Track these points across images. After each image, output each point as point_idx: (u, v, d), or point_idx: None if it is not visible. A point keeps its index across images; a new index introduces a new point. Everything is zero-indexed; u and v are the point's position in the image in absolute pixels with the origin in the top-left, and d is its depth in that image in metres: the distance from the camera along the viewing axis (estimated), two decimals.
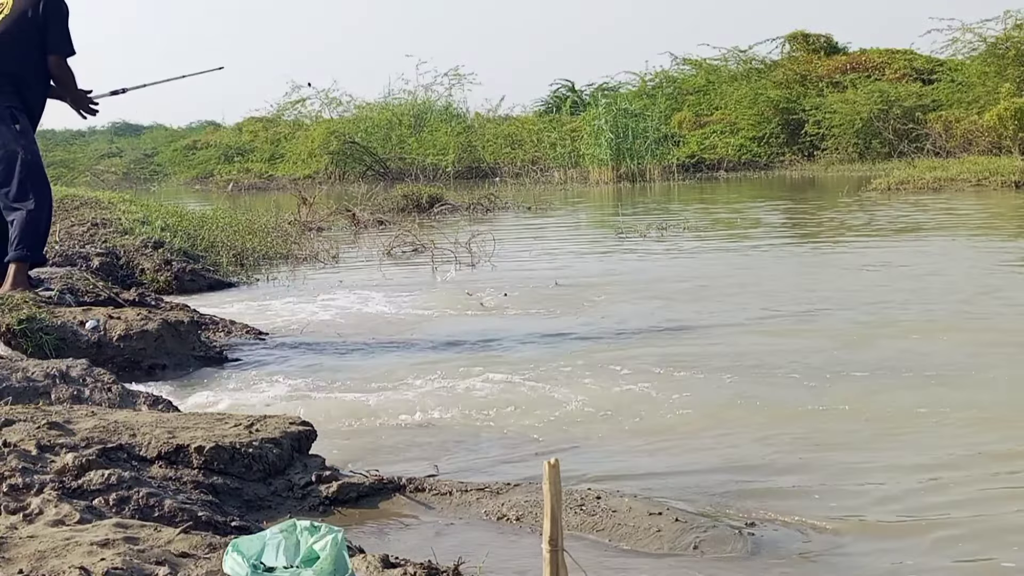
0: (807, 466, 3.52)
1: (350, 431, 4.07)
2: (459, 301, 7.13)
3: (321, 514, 3.10)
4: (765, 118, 25.23)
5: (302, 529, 2.13)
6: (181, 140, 39.16)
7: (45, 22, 5.19)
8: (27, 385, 3.99)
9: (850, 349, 5.21)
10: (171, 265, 8.08)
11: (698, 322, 6.07)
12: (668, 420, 4.09)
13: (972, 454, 3.58)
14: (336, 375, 4.98)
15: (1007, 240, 9.78)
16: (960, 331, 5.53)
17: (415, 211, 14.80)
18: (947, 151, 21.44)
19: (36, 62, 5.21)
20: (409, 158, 27.87)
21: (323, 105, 32.50)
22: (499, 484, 3.28)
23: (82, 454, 2.88)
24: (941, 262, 8.23)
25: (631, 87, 30.01)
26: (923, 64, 25.82)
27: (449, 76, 30.97)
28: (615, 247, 10.53)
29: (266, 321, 6.49)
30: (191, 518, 2.67)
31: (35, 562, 2.18)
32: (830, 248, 9.79)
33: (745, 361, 4.98)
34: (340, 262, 9.79)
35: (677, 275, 8.13)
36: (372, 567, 2.32)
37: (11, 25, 5.14)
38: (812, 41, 28.46)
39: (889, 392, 4.37)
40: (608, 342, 5.60)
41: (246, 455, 3.17)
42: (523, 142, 27.16)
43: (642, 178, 23.03)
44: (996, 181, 16.01)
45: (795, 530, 2.95)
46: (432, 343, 5.74)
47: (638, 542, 2.86)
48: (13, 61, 5.12)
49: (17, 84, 5.13)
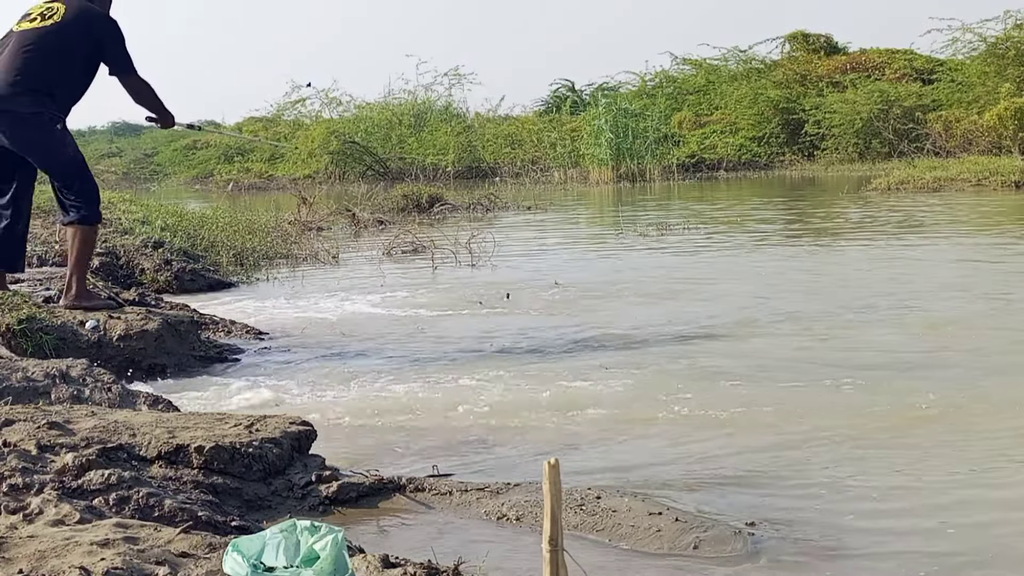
0: (807, 466, 3.52)
1: (350, 431, 4.07)
2: (459, 301, 7.13)
3: (321, 514, 3.10)
4: (765, 118, 25.23)
5: (302, 529, 2.13)
6: (181, 140, 39.12)
7: (99, 43, 5.21)
8: (27, 385, 3.99)
9: (851, 349, 5.21)
10: (171, 265, 8.09)
11: (699, 322, 6.07)
12: (668, 420, 4.08)
13: (975, 454, 3.58)
14: (336, 375, 4.98)
15: (1008, 240, 9.78)
16: (963, 331, 5.53)
17: (415, 211, 14.79)
18: (947, 151, 21.44)
19: (72, 76, 5.22)
20: (409, 158, 27.86)
21: (323, 105, 32.52)
22: (499, 484, 3.28)
23: (82, 454, 2.88)
24: (942, 262, 8.23)
25: (631, 87, 30.02)
26: (923, 64, 25.82)
27: (449, 76, 31.00)
28: (615, 247, 10.53)
29: (266, 321, 6.49)
30: (191, 518, 2.67)
31: (35, 562, 2.18)
32: (830, 248, 9.79)
33: (746, 361, 4.98)
34: (340, 262, 9.79)
35: (677, 275, 8.13)
36: (372, 567, 2.33)
37: (57, 34, 5.14)
38: (812, 41, 28.45)
39: (891, 392, 4.37)
40: (608, 342, 5.60)
41: (246, 455, 3.17)
42: (523, 142, 27.15)
43: (642, 178, 23.03)
44: (996, 181, 16.01)
45: (795, 530, 2.95)
46: (432, 343, 5.74)
47: (638, 542, 2.86)
48: (55, 69, 5.13)
49: (53, 91, 5.14)
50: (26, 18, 5.25)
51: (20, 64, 5.09)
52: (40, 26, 5.15)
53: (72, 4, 5.23)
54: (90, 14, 5.24)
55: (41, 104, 5.11)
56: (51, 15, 5.18)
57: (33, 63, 5.10)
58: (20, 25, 5.23)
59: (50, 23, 5.15)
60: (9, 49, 5.16)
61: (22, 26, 5.21)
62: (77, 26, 5.18)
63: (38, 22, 5.17)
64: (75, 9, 5.21)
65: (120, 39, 5.29)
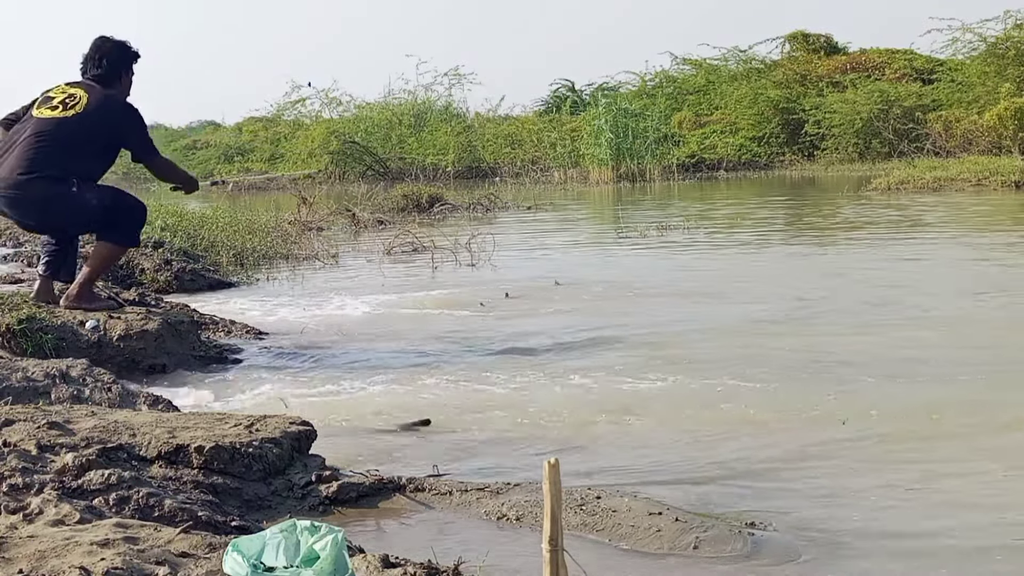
0: (807, 466, 3.52)
1: (350, 431, 4.07)
2: (459, 301, 7.13)
3: (321, 514, 3.10)
4: (765, 118, 25.23)
5: (302, 529, 2.13)
6: (181, 140, 39.16)
7: (121, 134, 5.24)
8: (27, 385, 3.99)
9: (852, 349, 5.20)
10: (171, 265, 8.08)
11: (700, 321, 6.07)
12: (669, 419, 4.08)
13: (976, 455, 3.58)
14: (336, 374, 4.98)
15: (1008, 239, 9.78)
16: (965, 331, 5.53)
17: (415, 211, 14.80)
18: (947, 151, 21.45)
19: (90, 161, 5.22)
20: (409, 158, 27.87)
21: (323, 105, 32.53)
22: (499, 484, 3.28)
23: (82, 454, 2.88)
24: (942, 262, 8.23)
25: (631, 87, 30.02)
26: (923, 64, 25.83)
27: (449, 76, 31.01)
28: (615, 246, 10.53)
29: (266, 321, 6.49)
30: (191, 518, 2.67)
31: (35, 562, 2.18)
32: (830, 248, 9.79)
33: (747, 361, 4.98)
34: (340, 262, 9.79)
35: (678, 274, 8.13)
36: (372, 567, 2.33)
37: (78, 124, 5.11)
38: (812, 41, 28.46)
39: (892, 392, 4.37)
40: (608, 341, 5.59)
41: (246, 455, 3.17)
42: (523, 142, 27.15)
43: (642, 178, 23.03)
44: (996, 181, 16.02)
45: (795, 530, 2.95)
46: (432, 343, 5.74)
47: (638, 542, 2.87)
48: (73, 157, 5.11)
49: (68, 176, 5.11)
50: (47, 103, 5.19)
51: (35, 155, 5.05)
52: (61, 116, 5.11)
53: (95, 94, 5.20)
54: (112, 105, 5.22)
55: (53, 184, 5.08)
56: (73, 104, 5.14)
57: (50, 153, 5.07)
58: (41, 111, 5.17)
59: (71, 114, 5.12)
60: (26, 137, 5.11)
61: (43, 113, 5.15)
62: (99, 116, 5.16)
63: (59, 112, 5.13)
64: (98, 100, 5.18)
65: (142, 127, 5.33)
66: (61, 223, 5.26)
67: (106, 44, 5.36)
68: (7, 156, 5.11)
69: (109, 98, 5.24)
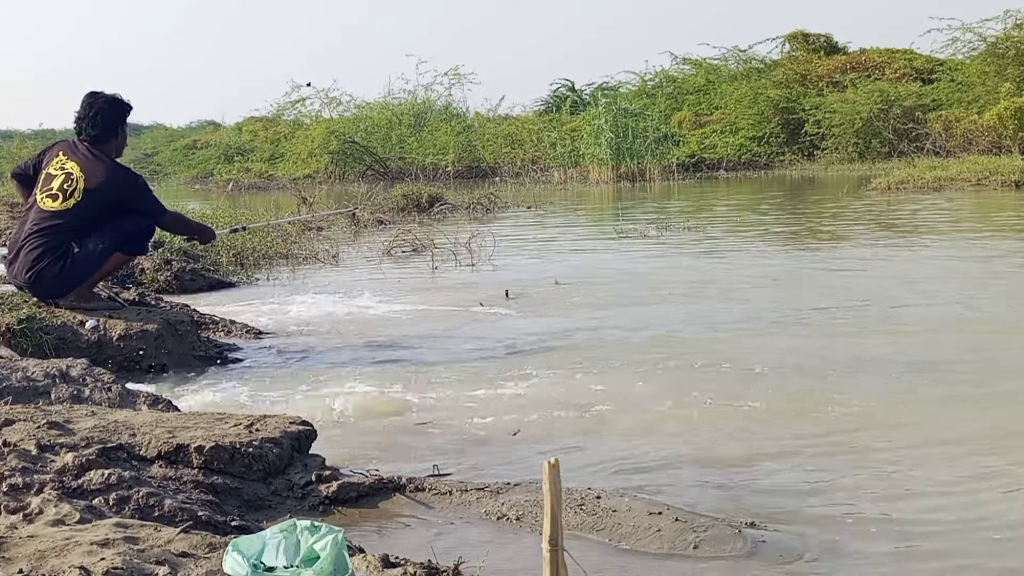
0: (807, 466, 3.52)
1: (350, 431, 4.07)
2: (459, 301, 7.13)
3: (321, 514, 3.10)
4: (765, 118, 25.24)
5: (302, 529, 2.13)
6: (181, 140, 39.17)
7: (124, 204, 5.23)
8: (27, 385, 3.99)
9: (853, 349, 5.21)
10: (171, 265, 8.09)
11: (700, 321, 6.07)
12: (669, 419, 4.08)
13: (977, 456, 3.58)
14: (336, 374, 4.98)
15: (1008, 240, 9.78)
16: (966, 330, 5.53)
17: (415, 211, 14.79)
18: (947, 151, 21.46)
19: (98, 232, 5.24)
20: (409, 158, 27.87)
21: (323, 105, 32.56)
22: (499, 484, 3.28)
23: (82, 454, 2.88)
24: (942, 261, 8.23)
25: (631, 87, 30.04)
26: (923, 64, 25.85)
27: (449, 76, 31.05)
28: (615, 246, 10.53)
29: (266, 320, 6.49)
30: (191, 518, 2.67)
31: (35, 562, 2.18)
32: (830, 248, 9.79)
33: (747, 361, 4.98)
34: (340, 262, 9.79)
35: (677, 274, 8.13)
36: (372, 567, 2.32)
37: (80, 209, 5.13)
38: (812, 41, 28.48)
39: (892, 392, 4.37)
40: (609, 341, 5.60)
41: (246, 455, 3.17)
42: (523, 142, 27.16)
43: (642, 178, 23.04)
44: (996, 181, 16.03)
45: (795, 530, 2.95)
46: (432, 342, 5.74)
47: (638, 542, 2.86)
48: (76, 233, 5.16)
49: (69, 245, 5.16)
50: (47, 188, 5.19)
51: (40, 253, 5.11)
52: (61, 208, 5.13)
53: (92, 171, 5.18)
54: (113, 179, 5.21)
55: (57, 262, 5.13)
56: (72, 191, 5.14)
57: (51, 242, 5.13)
58: (43, 200, 5.18)
59: (72, 203, 5.13)
60: (27, 236, 5.16)
61: (44, 204, 5.17)
62: (100, 195, 5.17)
63: (59, 203, 5.14)
64: (97, 179, 5.17)
65: (145, 193, 5.33)
66: (78, 281, 5.24)
67: (98, 101, 5.31)
68: (15, 262, 5.20)
69: (107, 172, 5.21)
